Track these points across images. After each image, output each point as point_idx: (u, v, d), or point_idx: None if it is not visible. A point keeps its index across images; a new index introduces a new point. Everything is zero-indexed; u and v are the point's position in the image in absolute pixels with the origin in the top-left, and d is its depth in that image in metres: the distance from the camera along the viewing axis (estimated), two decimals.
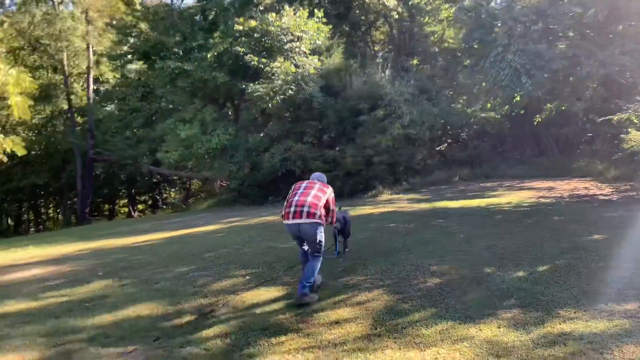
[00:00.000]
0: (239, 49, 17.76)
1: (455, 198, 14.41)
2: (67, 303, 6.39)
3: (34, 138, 30.42)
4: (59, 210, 37.14)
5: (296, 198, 5.71)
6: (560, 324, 4.34)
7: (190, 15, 20.91)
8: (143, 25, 20.96)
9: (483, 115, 21.79)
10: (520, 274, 5.93)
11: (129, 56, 22.57)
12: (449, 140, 23.82)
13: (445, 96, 23.09)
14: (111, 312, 5.81)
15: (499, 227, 9.11)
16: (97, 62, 30.01)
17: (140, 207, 38.51)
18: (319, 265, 5.74)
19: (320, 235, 5.66)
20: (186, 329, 5.03)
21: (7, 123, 28.03)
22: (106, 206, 38.55)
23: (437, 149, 22.61)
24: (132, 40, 21.15)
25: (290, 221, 5.61)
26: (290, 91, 17.67)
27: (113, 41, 26.01)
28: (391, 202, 15.58)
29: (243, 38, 18.26)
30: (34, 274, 8.49)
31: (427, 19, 23.76)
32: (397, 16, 22.40)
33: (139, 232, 13.92)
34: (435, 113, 20.10)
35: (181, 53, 19.21)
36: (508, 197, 13.52)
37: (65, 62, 28.96)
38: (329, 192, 5.91)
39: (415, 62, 24.30)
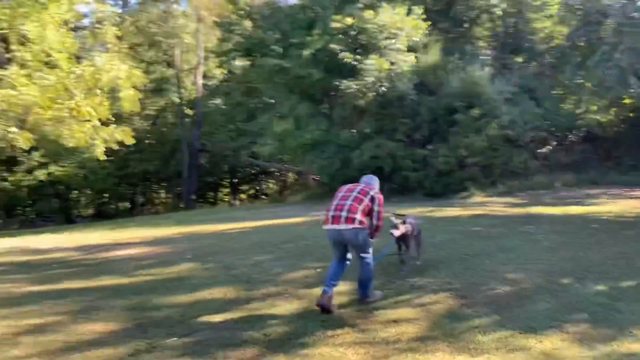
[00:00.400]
0: (335, 47, 18.00)
1: (553, 204, 13.67)
2: (153, 282, 6.97)
3: (148, 128, 32.98)
4: (168, 196, 39.91)
5: (336, 202, 5.42)
6: (630, 343, 4.06)
7: (292, 14, 21.50)
8: (247, 23, 21.94)
9: (594, 117, 20.29)
10: (600, 288, 5.56)
11: (233, 53, 23.71)
12: (554, 143, 22.43)
13: (553, 96, 21.76)
14: (189, 293, 6.25)
15: (590, 237, 8.54)
16: (206, 58, 31.85)
17: (242, 196, 40.39)
18: (372, 265, 5.46)
19: (364, 239, 5.31)
20: (251, 314, 5.30)
21: (124, 114, 30.69)
22: (210, 194, 40.87)
23: (540, 151, 21.39)
24: (236, 37, 22.21)
25: (329, 226, 5.33)
26: (383, 88, 17.65)
27: (219, 38, 27.49)
28: (483, 205, 15.09)
29: (340, 35, 18.47)
30: (131, 253, 9.31)
31: (534, 14, 22.51)
32: (501, 12, 21.47)
33: (232, 220, 14.65)
34: (539, 113, 19.06)
35: (280, 50, 19.83)
36: (611, 206, 12.59)
37: (177, 58, 31.06)
38: (372, 194, 5.46)
39: (519, 59, 23.15)
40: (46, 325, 5.18)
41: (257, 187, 40.04)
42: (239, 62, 27.56)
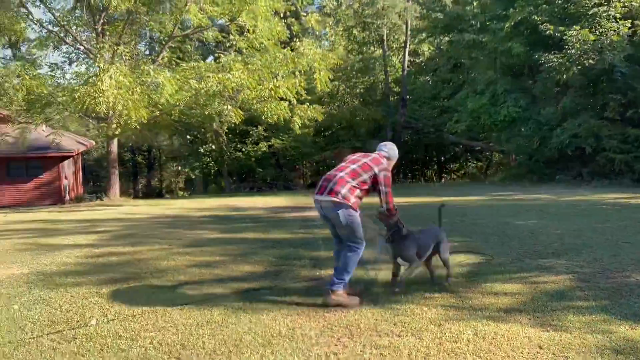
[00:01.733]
0: (536, 18, 16.93)
1: None
2: (309, 239, 8.07)
3: (364, 106, 35.13)
4: None
5: (330, 171, 4.81)
6: None
7: None
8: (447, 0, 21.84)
9: None
10: None
11: (432, 30, 23.75)
12: None
13: None
14: (330, 250, 7.11)
15: None
16: (413, 37, 32.32)
17: (451, 175, 40.32)
18: (356, 259, 4.77)
19: (348, 219, 4.58)
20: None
21: (337, 93, 33.36)
22: (416, 171, 41.62)
23: None
24: (436, 15, 22.25)
25: (315, 196, 4.74)
26: (590, 61, 16.07)
27: (417, 17, 27.65)
28: None
29: (544, 6, 17.30)
30: (303, 215, 10.67)
31: None
32: None
33: (410, 195, 15.22)
34: None
35: (478, 25, 19.35)
36: None
37: (385, 38, 32.17)
38: (376, 171, 4.70)
39: None
40: (212, 262, 6.59)
41: (464, 167, 39.55)
42: (446, 39, 27.53)
